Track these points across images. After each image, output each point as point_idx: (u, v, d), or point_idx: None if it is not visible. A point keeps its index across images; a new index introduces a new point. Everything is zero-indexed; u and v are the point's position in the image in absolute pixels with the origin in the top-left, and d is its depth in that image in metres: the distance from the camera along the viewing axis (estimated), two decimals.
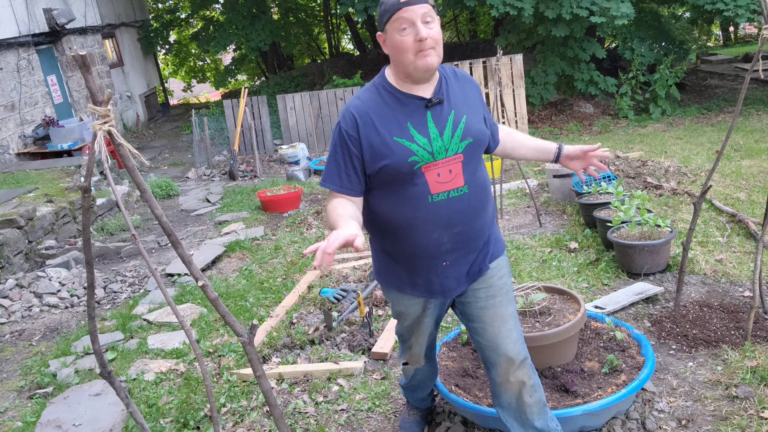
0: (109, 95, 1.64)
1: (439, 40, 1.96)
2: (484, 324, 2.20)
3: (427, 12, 1.92)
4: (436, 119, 2.02)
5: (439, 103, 2.03)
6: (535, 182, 7.00)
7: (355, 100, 2.05)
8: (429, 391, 2.75)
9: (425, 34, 1.91)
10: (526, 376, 2.19)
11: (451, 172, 2.02)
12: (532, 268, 4.49)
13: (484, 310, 2.20)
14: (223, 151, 11.33)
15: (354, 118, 2.00)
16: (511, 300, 2.23)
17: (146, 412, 3.18)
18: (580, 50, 11.49)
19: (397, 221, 2.06)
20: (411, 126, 2.00)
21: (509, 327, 2.19)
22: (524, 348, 2.22)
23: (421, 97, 2.02)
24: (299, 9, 18.63)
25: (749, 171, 6.49)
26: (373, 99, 2.03)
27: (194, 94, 23.40)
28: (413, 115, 2.01)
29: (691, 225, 3.43)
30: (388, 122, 2.00)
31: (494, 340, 2.19)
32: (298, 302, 4.39)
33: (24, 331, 4.59)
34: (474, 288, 2.21)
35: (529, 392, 2.21)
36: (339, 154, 2.02)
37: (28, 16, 10.61)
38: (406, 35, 1.92)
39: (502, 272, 2.23)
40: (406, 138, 1.98)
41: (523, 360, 2.19)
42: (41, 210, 6.39)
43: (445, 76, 2.11)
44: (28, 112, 10.29)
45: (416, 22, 1.91)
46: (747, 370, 2.88)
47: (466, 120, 2.05)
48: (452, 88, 2.09)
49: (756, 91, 12.21)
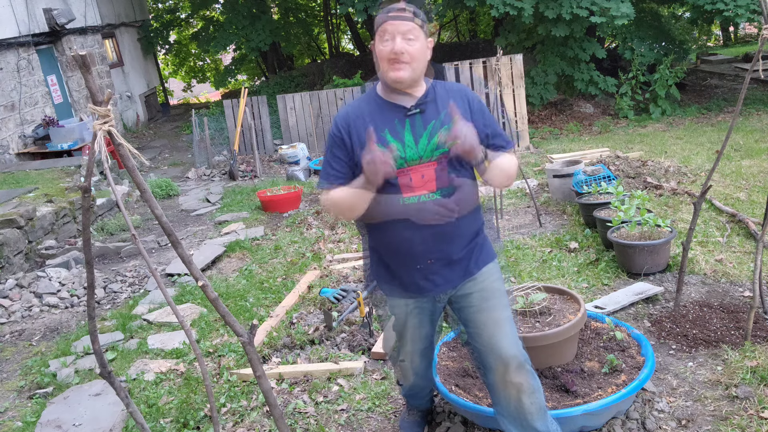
0: (109, 95, 1.64)
1: (417, 56, 2.07)
2: (479, 328, 2.23)
3: (411, 30, 2.05)
4: (414, 127, 2.13)
5: (419, 112, 2.14)
6: (535, 182, 7.00)
7: (345, 107, 2.25)
8: (428, 391, 2.75)
9: (399, 48, 2.04)
10: (523, 379, 2.19)
11: (424, 177, 2.12)
12: (532, 268, 4.50)
13: (477, 314, 2.23)
14: (223, 151, 11.33)
15: (339, 124, 2.18)
16: (505, 305, 2.25)
17: (146, 412, 3.18)
18: (580, 50, 11.49)
19: (374, 219, 2.19)
20: (388, 132, 2.13)
21: (504, 330, 2.20)
22: (520, 351, 2.21)
23: (402, 105, 2.15)
24: (299, 9, 18.64)
25: (749, 171, 6.49)
26: (360, 106, 2.21)
27: (194, 94, 23.39)
28: (391, 122, 2.14)
29: (691, 225, 3.43)
30: (367, 127, 2.11)
31: (489, 343, 2.20)
32: (298, 302, 4.39)
33: (24, 331, 4.59)
34: (465, 293, 2.24)
35: (528, 396, 2.20)
36: (330, 156, 2.19)
37: (28, 16, 10.61)
38: (385, 46, 2.07)
39: (494, 277, 2.26)
40: (381, 143, 2.09)
41: (520, 363, 2.19)
42: (41, 210, 6.39)
43: (435, 88, 2.20)
44: (28, 112, 10.29)
45: (396, 37, 2.05)
46: (747, 370, 2.88)
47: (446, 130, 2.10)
48: (440, 99, 2.17)
49: (756, 91, 12.21)
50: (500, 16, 10.83)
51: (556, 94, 12.20)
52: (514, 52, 11.01)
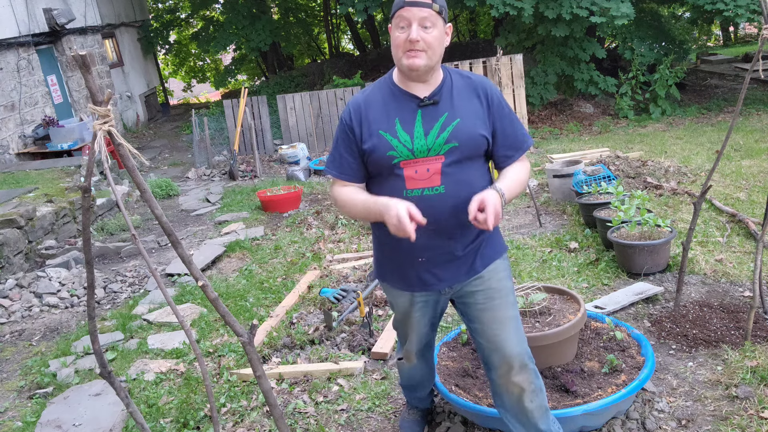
0: (109, 95, 1.64)
1: (433, 44, 2.01)
2: (483, 325, 2.20)
3: (428, 17, 1.98)
4: (426, 119, 2.07)
5: (432, 103, 2.08)
6: (535, 182, 7.00)
7: (358, 94, 2.21)
8: (428, 391, 2.75)
9: (416, 36, 1.98)
10: (526, 381, 2.17)
11: (429, 170, 2.07)
12: (532, 268, 4.50)
13: (482, 312, 2.20)
14: (223, 151, 11.33)
15: (351, 110, 2.14)
16: (510, 303, 2.21)
17: (146, 412, 3.18)
18: (580, 50, 11.49)
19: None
20: (398, 122, 2.08)
21: (509, 330, 2.17)
22: (525, 351, 2.18)
23: (416, 96, 2.09)
24: (299, 9, 18.64)
25: (749, 171, 6.49)
26: (373, 93, 2.15)
27: (194, 94, 23.39)
28: (404, 111, 2.09)
29: (691, 225, 3.43)
30: (379, 115, 2.10)
31: (493, 342, 2.18)
32: (298, 302, 4.39)
33: (24, 331, 4.59)
34: (470, 290, 2.20)
35: (530, 397, 2.18)
36: (339, 142, 2.17)
37: (28, 16, 10.61)
38: (401, 33, 2.01)
39: (501, 275, 2.21)
40: (390, 133, 2.07)
41: (523, 364, 2.16)
42: (41, 210, 6.39)
43: (452, 78, 2.13)
44: (28, 112, 10.29)
45: (413, 23, 1.98)
46: (747, 370, 2.89)
47: (458, 124, 2.07)
48: (457, 91, 2.11)
49: (756, 91, 12.21)
50: (500, 16, 10.84)
51: (556, 94, 12.20)
52: (514, 52, 11.02)
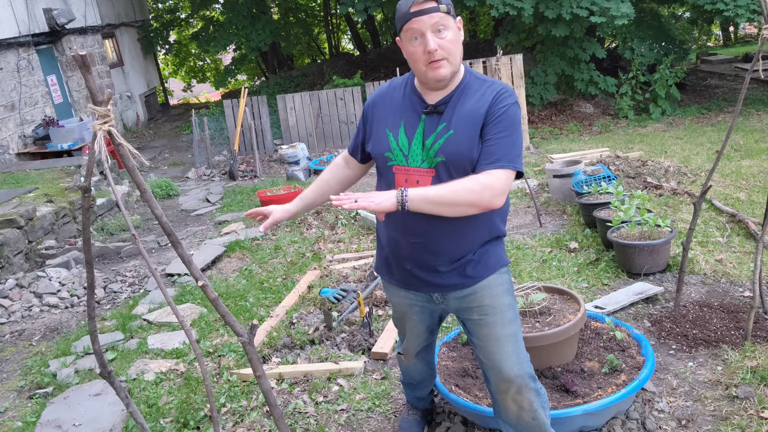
0: (109, 95, 1.64)
1: (451, 48, 1.92)
2: (481, 342, 2.15)
3: (439, 21, 1.89)
4: (427, 126, 2.00)
5: (437, 112, 2.00)
6: (535, 182, 7.00)
7: (383, 85, 2.21)
8: (427, 391, 2.75)
9: (433, 46, 1.89)
10: (526, 401, 2.10)
11: (418, 183, 1.99)
12: (532, 268, 4.49)
13: (479, 328, 2.14)
14: (223, 151, 11.32)
15: (372, 100, 2.17)
16: (508, 320, 2.11)
17: (146, 412, 3.18)
18: (580, 50, 11.49)
19: None
20: (403, 124, 2.04)
21: (506, 349, 2.09)
22: (525, 374, 2.10)
23: (425, 101, 2.03)
24: (299, 9, 18.63)
25: (749, 171, 6.49)
26: (393, 89, 2.13)
27: (194, 94, 23.39)
28: (411, 115, 2.04)
29: (691, 225, 3.43)
30: (390, 112, 2.08)
31: (491, 360, 2.12)
32: (298, 302, 4.39)
33: (24, 331, 4.59)
34: (465, 306, 2.15)
35: (531, 415, 2.14)
36: (359, 125, 2.23)
37: (28, 16, 10.61)
38: (416, 46, 1.92)
39: (495, 291, 2.11)
40: (393, 133, 2.05)
41: (523, 386, 2.09)
42: (41, 210, 6.39)
43: (468, 83, 2.02)
44: (28, 112, 10.28)
45: (426, 33, 1.89)
46: (747, 370, 2.89)
47: (450, 137, 1.96)
48: (465, 98, 2.00)
49: (756, 91, 12.21)
50: (500, 16, 10.83)
51: (556, 94, 12.20)
52: (514, 52, 11.01)
